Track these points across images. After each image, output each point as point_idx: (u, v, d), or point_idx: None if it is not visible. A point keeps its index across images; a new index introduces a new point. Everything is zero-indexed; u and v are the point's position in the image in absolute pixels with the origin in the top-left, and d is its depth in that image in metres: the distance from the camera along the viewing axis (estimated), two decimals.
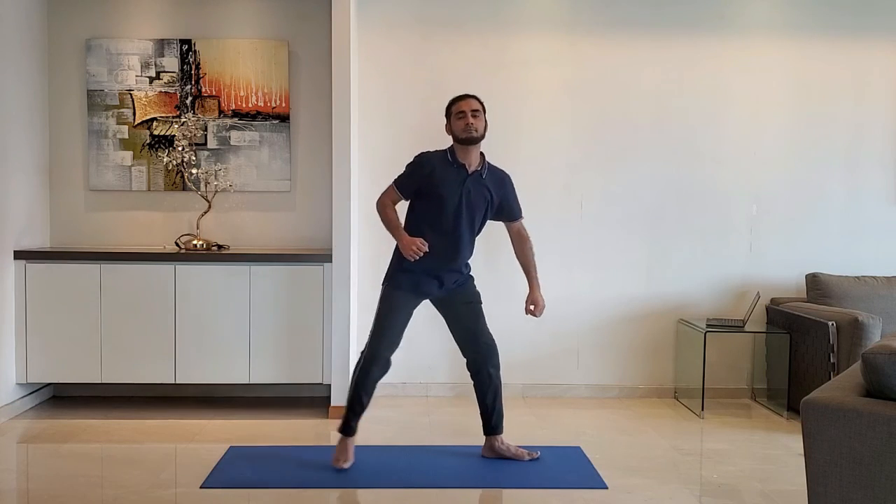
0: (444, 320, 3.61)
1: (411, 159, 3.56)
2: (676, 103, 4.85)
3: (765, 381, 4.87)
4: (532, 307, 3.60)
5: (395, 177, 3.53)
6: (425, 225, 3.46)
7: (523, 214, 3.65)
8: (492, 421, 3.60)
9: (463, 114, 3.45)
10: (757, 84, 4.86)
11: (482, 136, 3.49)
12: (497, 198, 3.52)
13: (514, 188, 3.60)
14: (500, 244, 4.82)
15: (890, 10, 4.86)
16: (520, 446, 3.65)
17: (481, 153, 3.53)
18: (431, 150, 3.57)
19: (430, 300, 3.58)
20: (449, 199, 3.43)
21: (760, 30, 4.85)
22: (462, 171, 3.46)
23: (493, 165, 3.58)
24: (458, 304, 3.57)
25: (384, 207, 3.52)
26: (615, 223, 4.87)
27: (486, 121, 3.52)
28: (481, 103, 3.53)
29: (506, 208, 3.57)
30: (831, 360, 4.16)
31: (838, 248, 4.92)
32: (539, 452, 3.63)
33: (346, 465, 3.46)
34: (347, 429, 3.52)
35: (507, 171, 3.60)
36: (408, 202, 3.56)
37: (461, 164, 3.47)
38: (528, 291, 3.62)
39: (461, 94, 3.58)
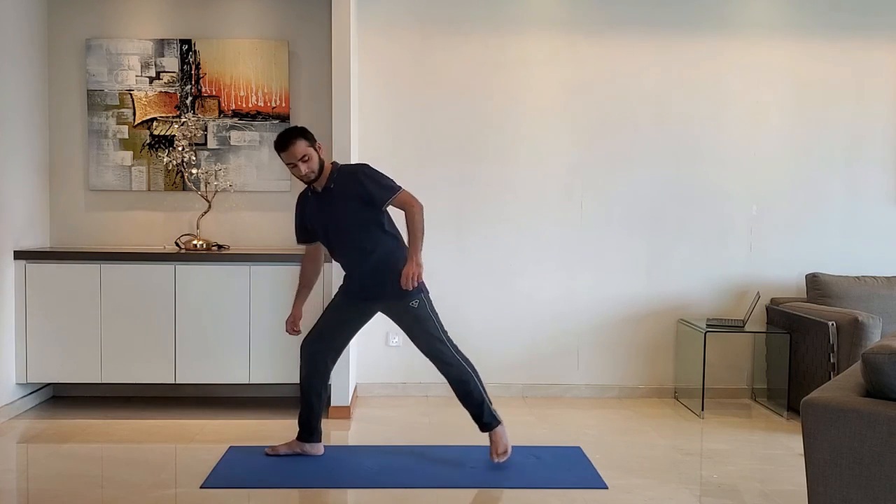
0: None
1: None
2: (676, 103, 4.85)
3: (765, 381, 4.87)
4: (401, 280, 3.37)
5: None
6: (328, 248, 3.59)
7: (397, 187, 3.41)
8: (475, 422, 3.56)
9: (293, 165, 3.39)
10: (757, 84, 4.86)
11: (319, 172, 3.42)
12: (358, 193, 3.39)
13: (369, 175, 3.41)
14: (496, 246, 4.84)
15: (890, 10, 4.86)
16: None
17: (333, 163, 3.51)
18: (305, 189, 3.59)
19: (380, 310, 3.58)
20: (319, 226, 3.51)
21: (760, 30, 4.85)
22: (317, 196, 3.49)
23: (344, 167, 3.50)
24: (396, 317, 3.53)
25: (301, 267, 3.70)
26: (615, 223, 4.87)
27: (316, 149, 3.41)
28: (305, 136, 3.40)
29: (370, 199, 3.39)
30: (831, 360, 4.16)
31: (838, 248, 4.92)
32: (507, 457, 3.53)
33: (272, 453, 3.61)
34: (300, 431, 3.65)
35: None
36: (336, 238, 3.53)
37: (314, 190, 3.50)
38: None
39: (281, 135, 3.41)
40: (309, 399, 3.59)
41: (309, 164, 3.38)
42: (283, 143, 3.38)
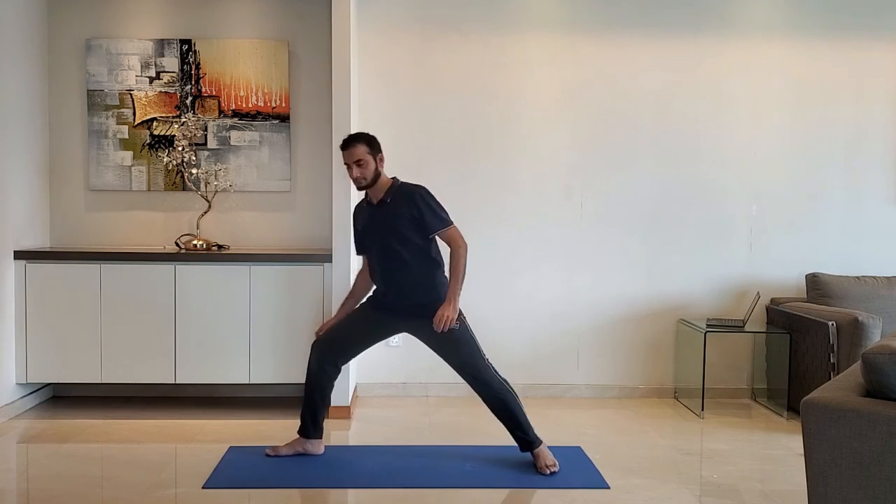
0: None
1: None
2: (676, 103, 4.85)
3: (765, 381, 4.87)
4: (434, 319, 3.36)
5: None
6: (370, 260, 3.60)
7: (449, 220, 3.45)
8: (516, 441, 3.53)
9: (348, 166, 3.45)
10: (757, 84, 4.86)
11: (372, 182, 3.45)
12: (411, 214, 3.40)
13: (426, 201, 3.42)
14: (496, 246, 4.84)
15: (890, 11, 4.86)
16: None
17: (393, 178, 3.52)
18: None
19: (405, 330, 3.60)
20: (367, 237, 3.52)
21: (760, 30, 4.85)
22: (371, 207, 3.51)
23: (404, 185, 3.49)
24: (431, 339, 3.50)
25: (356, 278, 3.77)
26: (615, 223, 4.87)
27: (375, 159, 3.43)
28: (369, 143, 3.44)
29: (421, 224, 3.40)
30: (831, 360, 4.16)
31: (838, 248, 4.92)
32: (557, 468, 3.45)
33: (274, 454, 3.60)
34: (300, 426, 3.65)
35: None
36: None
37: (370, 202, 3.53)
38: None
39: (348, 135, 3.51)
40: (312, 395, 3.59)
41: (362, 171, 3.41)
42: (346, 143, 3.46)
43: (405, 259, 3.43)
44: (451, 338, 3.44)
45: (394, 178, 3.52)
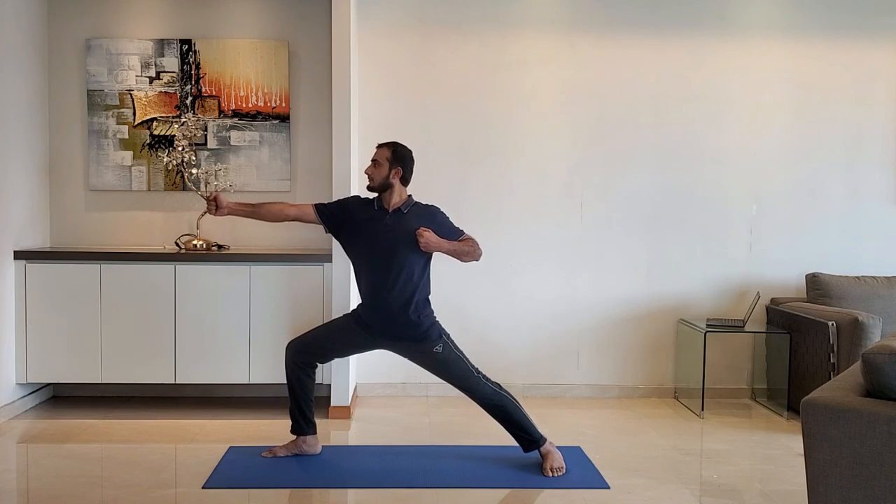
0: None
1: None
2: (676, 103, 4.85)
3: (765, 381, 4.87)
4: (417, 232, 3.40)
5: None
6: (360, 264, 3.54)
7: (465, 233, 3.57)
8: (519, 443, 3.54)
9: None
10: (757, 84, 4.86)
11: (378, 187, 3.51)
12: (429, 226, 3.46)
13: (446, 217, 3.58)
14: (497, 246, 4.84)
15: (890, 11, 4.86)
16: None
17: (409, 195, 3.57)
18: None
19: (387, 348, 3.59)
20: (366, 238, 3.49)
21: (760, 30, 4.85)
22: (383, 212, 3.51)
23: (419, 203, 3.58)
24: (418, 359, 3.56)
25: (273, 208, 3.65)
26: (615, 223, 4.87)
27: (390, 168, 3.48)
28: (395, 152, 3.51)
29: (447, 232, 3.51)
30: (831, 360, 4.16)
31: (838, 248, 4.92)
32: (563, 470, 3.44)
33: (270, 455, 3.60)
34: (292, 426, 3.65)
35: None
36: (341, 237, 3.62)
37: (381, 206, 3.54)
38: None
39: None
40: (294, 391, 3.60)
41: (374, 170, 3.51)
42: (379, 144, 3.59)
43: (403, 270, 3.42)
44: (438, 359, 3.49)
45: (410, 196, 3.57)
